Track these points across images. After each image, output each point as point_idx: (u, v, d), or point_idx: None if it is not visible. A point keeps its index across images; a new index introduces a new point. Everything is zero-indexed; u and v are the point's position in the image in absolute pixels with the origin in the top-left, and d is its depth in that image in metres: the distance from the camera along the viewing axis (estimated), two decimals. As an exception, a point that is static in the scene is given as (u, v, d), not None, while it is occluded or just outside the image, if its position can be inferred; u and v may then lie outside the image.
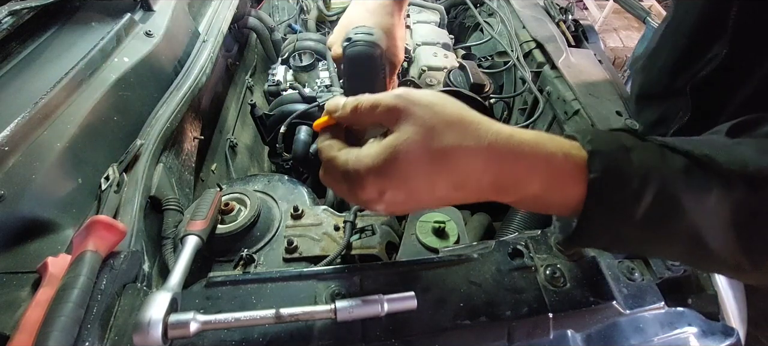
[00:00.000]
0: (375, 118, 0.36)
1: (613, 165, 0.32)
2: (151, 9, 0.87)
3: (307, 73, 1.16)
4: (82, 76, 0.65)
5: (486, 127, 0.34)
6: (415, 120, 0.33)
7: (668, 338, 0.46)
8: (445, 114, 0.34)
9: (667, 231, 0.33)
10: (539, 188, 0.34)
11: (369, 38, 0.57)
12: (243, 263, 0.56)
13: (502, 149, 0.33)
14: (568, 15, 1.14)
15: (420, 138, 0.33)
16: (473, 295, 0.45)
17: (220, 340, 0.40)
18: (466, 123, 0.34)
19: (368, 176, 0.34)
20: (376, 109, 0.36)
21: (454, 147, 0.33)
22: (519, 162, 0.33)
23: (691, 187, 0.32)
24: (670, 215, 0.32)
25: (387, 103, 0.35)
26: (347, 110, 0.37)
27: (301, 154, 0.97)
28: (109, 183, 0.57)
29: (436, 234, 0.59)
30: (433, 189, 0.34)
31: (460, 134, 0.33)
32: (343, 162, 0.35)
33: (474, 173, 0.33)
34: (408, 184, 0.34)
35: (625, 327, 0.46)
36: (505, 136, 0.33)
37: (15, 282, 0.45)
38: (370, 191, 0.34)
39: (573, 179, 0.33)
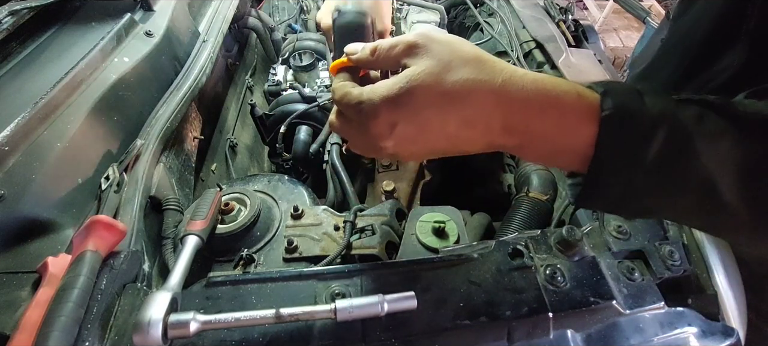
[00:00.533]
0: (394, 57, 0.37)
1: (625, 104, 0.32)
2: (151, 9, 0.87)
3: (307, 73, 1.16)
4: (82, 76, 0.65)
5: (501, 67, 0.34)
6: (433, 55, 0.34)
7: (668, 338, 0.46)
8: (463, 51, 0.34)
9: (679, 176, 0.33)
10: (550, 127, 0.34)
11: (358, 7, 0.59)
12: (243, 263, 0.56)
13: (516, 87, 0.33)
14: (568, 15, 1.14)
15: (436, 71, 0.33)
16: (473, 295, 0.45)
17: (220, 340, 0.40)
18: (483, 61, 0.34)
19: (382, 106, 0.34)
20: (395, 47, 0.36)
21: (468, 81, 0.33)
22: (531, 100, 0.34)
23: (704, 131, 0.32)
24: (682, 159, 0.32)
25: (407, 40, 0.36)
26: (367, 52, 0.38)
27: (301, 154, 0.97)
28: (109, 183, 0.57)
29: (436, 234, 0.59)
30: (444, 124, 0.34)
31: (475, 70, 0.34)
32: (357, 94, 0.36)
33: (485, 108, 0.34)
34: (420, 116, 0.34)
35: (625, 327, 0.46)
36: (520, 75, 0.34)
37: (15, 282, 0.45)
38: (382, 123, 0.35)
39: (585, 117, 0.33)
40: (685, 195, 0.34)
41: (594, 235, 0.55)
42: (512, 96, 0.33)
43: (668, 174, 0.33)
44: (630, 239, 0.54)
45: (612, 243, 0.53)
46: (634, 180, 0.33)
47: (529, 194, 0.76)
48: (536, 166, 0.85)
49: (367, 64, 0.40)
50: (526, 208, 0.73)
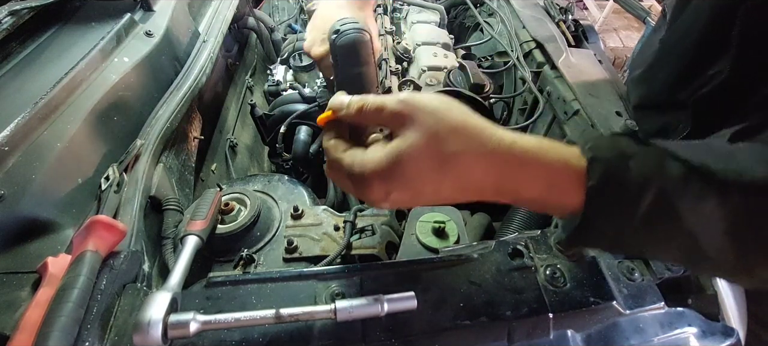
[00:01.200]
0: (380, 121, 0.37)
1: (611, 172, 0.33)
2: (151, 9, 0.87)
3: (307, 73, 1.16)
4: (82, 76, 0.65)
5: (489, 134, 0.35)
6: (420, 125, 0.34)
7: (668, 338, 0.46)
8: (449, 120, 0.34)
9: (664, 236, 0.34)
10: (539, 193, 0.35)
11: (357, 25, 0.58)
12: (243, 263, 0.56)
13: (505, 156, 0.34)
14: (568, 15, 1.14)
15: (424, 143, 0.33)
16: (473, 295, 0.45)
17: (220, 340, 0.40)
18: (470, 129, 0.34)
19: (374, 179, 0.35)
20: (381, 112, 0.36)
21: (458, 153, 0.33)
22: (520, 169, 0.35)
23: (689, 194, 0.33)
24: (668, 221, 0.33)
25: (392, 107, 0.36)
26: (352, 110, 0.38)
27: (301, 154, 0.97)
28: (109, 183, 0.57)
29: (436, 234, 0.59)
30: (437, 191, 0.35)
31: (463, 140, 0.34)
32: (348, 164, 0.36)
33: (477, 177, 0.34)
34: (413, 186, 0.35)
35: (625, 327, 0.46)
36: (508, 143, 0.34)
37: (15, 282, 0.45)
38: (376, 192, 0.35)
39: (572, 186, 0.34)
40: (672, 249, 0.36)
41: (594, 235, 0.55)
42: (502, 164, 0.34)
43: (654, 234, 0.34)
44: (630, 239, 0.54)
45: (612, 243, 0.53)
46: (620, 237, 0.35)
47: (529, 194, 0.76)
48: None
49: (354, 121, 0.39)
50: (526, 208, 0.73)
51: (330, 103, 0.40)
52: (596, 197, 0.33)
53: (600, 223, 0.34)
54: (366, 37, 0.58)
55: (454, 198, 0.37)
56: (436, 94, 0.37)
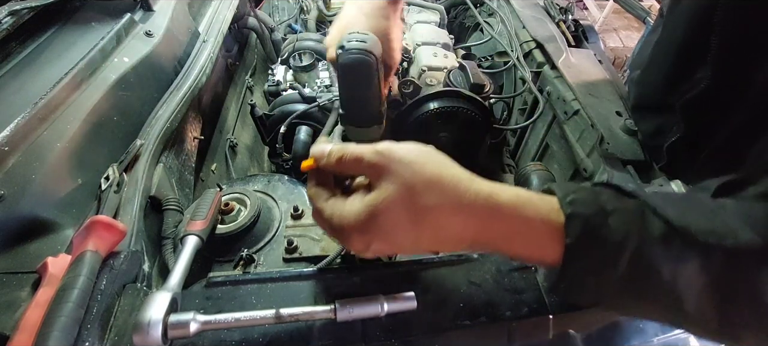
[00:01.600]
0: (358, 171, 0.37)
1: (589, 230, 0.33)
2: (151, 9, 0.87)
3: (307, 73, 1.16)
4: (82, 76, 0.65)
5: (465, 187, 0.34)
6: (396, 179, 0.34)
7: (668, 338, 0.46)
8: (425, 173, 0.34)
9: (645, 295, 0.34)
10: (518, 248, 0.35)
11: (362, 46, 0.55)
12: (243, 263, 0.56)
13: (481, 211, 0.34)
14: (568, 15, 1.14)
15: (399, 198, 0.33)
16: (473, 295, 0.45)
17: (220, 340, 0.40)
18: (445, 183, 0.34)
19: (352, 233, 0.35)
20: (359, 162, 0.36)
21: (433, 207, 0.33)
22: (496, 225, 0.34)
23: (669, 255, 0.32)
24: (648, 281, 0.33)
25: (369, 159, 0.35)
26: (332, 160, 0.38)
27: (301, 154, 0.97)
28: (109, 183, 0.57)
29: (436, 234, 0.59)
30: (416, 243, 0.35)
31: (439, 194, 0.33)
32: (328, 216, 0.36)
33: (454, 231, 0.34)
34: (391, 239, 0.34)
35: (625, 327, 0.46)
36: (484, 196, 0.34)
37: (15, 282, 0.45)
38: (356, 244, 0.35)
39: (550, 242, 0.34)
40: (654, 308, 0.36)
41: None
42: (478, 219, 0.34)
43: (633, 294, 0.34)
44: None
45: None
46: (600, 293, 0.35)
47: (529, 194, 0.76)
48: (536, 167, 0.85)
49: (334, 170, 0.39)
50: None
51: (311, 152, 0.40)
52: (574, 254, 0.33)
53: (579, 280, 0.34)
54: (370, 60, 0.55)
55: (434, 249, 0.37)
56: (414, 144, 0.36)
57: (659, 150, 0.67)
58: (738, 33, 0.49)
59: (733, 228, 0.33)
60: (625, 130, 0.76)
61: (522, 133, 1.14)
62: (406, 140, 0.37)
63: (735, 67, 0.51)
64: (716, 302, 0.33)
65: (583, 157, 0.80)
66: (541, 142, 1.02)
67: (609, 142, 0.74)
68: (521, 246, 0.35)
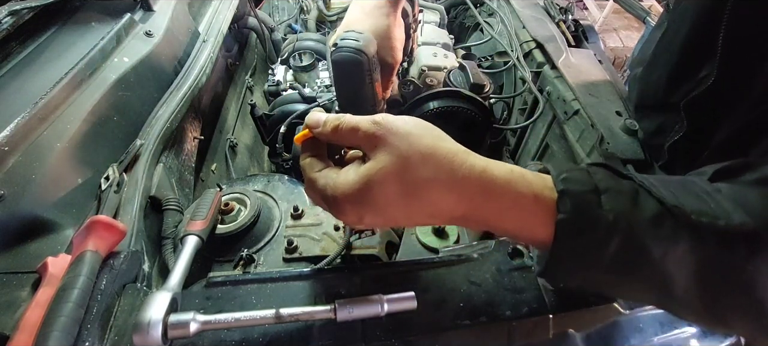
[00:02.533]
0: (354, 141, 0.37)
1: (581, 207, 0.33)
2: (151, 9, 0.87)
3: (307, 73, 1.16)
4: (82, 76, 0.65)
5: (460, 161, 0.34)
6: (392, 150, 0.34)
7: (668, 338, 0.46)
8: (421, 146, 0.34)
9: (634, 277, 0.34)
10: (509, 224, 0.35)
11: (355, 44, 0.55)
12: (243, 263, 0.56)
13: (474, 186, 0.34)
14: (568, 15, 1.14)
15: (394, 169, 0.33)
16: (473, 295, 0.45)
17: (220, 340, 0.40)
18: (440, 156, 0.34)
19: (346, 203, 0.34)
20: (356, 132, 0.36)
21: (427, 180, 0.33)
22: (490, 199, 0.34)
23: (660, 236, 0.32)
24: (637, 262, 0.33)
25: (365, 129, 0.35)
26: (328, 129, 0.37)
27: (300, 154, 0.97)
28: (109, 183, 0.57)
29: (436, 234, 0.59)
30: (408, 216, 0.35)
31: (433, 168, 0.33)
32: (321, 186, 0.36)
33: (446, 205, 0.34)
34: (384, 211, 0.34)
35: (625, 327, 0.46)
36: (478, 170, 0.34)
37: (15, 282, 0.45)
38: (349, 215, 0.35)
39: (542, 220, 0.34)
40: (642, 290, 0.36)
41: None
42: (471, 194, 0.34)
43: (623, 275, 0.34)
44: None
45: (612, 243, 0.53)
46: (591, 275, 0.35)
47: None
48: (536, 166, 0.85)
49: (328, 140, 0.39)
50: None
51: (306, 120, 0.39)
52: (565, 231, 0.33)
53: (569, 258, 0.34)
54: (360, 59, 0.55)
55: (426, 223, 0.37)
56: (411, 117, 0.36)
57: (660, 149, 0.67)
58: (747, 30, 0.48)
59: (727, 210, 0.33)
60: (625, 129, 0.76)
61: (522, 133, 1.14)
62: None
63: (742, 64, 0.50)
64: (705, 285, 0.33)
65: (584, 157, 0.80)
66: (541, 142, 1.02)
67: (609, 141, 0.74)
68: (513, 222, 0.35)
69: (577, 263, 0.34)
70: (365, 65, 0.56)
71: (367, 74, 0.58)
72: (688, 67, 0.58)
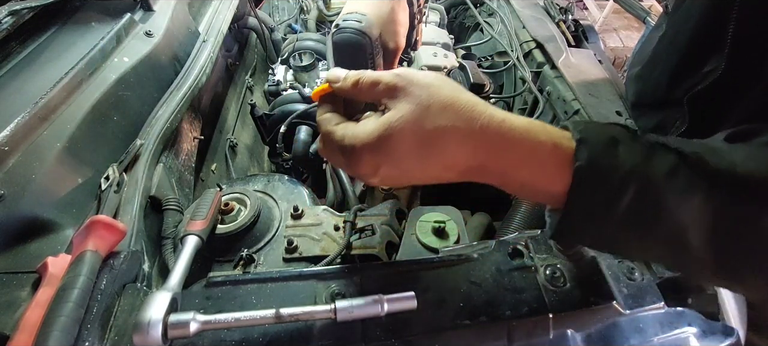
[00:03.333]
0: (375, 95, 0.37)
1: (598, 155, 0.33)
2: (151, 9, 0.87)
3: (307, 73, 1.16)
4: (82, 76, 0.65)
5: (480, 111, 0.34)
6: (412, 99, 0.34)
7: (668, 338, 0.46)
8: (441, 96, 0.34)
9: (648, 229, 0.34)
10: (526, 175, 0.35)
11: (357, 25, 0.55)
12: (243, 263, 0.56)
13: (493, 135, 0.34)
14: (568, 15, 1.14)
15: (414, 117, 0.33)
16: (473, 295, 0.45)
17: (220, 340, 0.40)
18: (461, 105, 0.34)
19: (364, 152, 0.34)
20: (376, 86, 0.36)
21: (447, 128, 0.33)
22: (508, 149, 0.34)
23: (675, 187, 0.32)
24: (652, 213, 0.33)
25: (387, 80, 0.36)
26: (348, 83, 0.38)
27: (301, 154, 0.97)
28: (109, 183, 0.57)
29: (436, 234, 0.59)
30: (424, 168, 0.35)
31: (453, 116, 0.34)
32: (339, 137, 0.36)
33: (464, 155, 0.34)
34: (401, 162, 0.35)
35: (625, 327, 0.46)
36: (498, 120, 0.34)
37: (15, 282, 0.45)
38: (365, 166, 0.35)
39: (559, 168, 0.34)
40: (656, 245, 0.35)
41: (594, 235, 0.55)
42: (489, 143, 0.34)
43: (638, 226, 0.34)
44: (630, 239, 0.54)
45: (612, 243, 0.53)
46: (605, 229, 0.34)
47: (529, 194, 0.76)
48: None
49: (349, 95, 0.39)
50: (526, 208, 0.73)
51: (326, 76, 0.40)
52: (582, 179, 0.33)
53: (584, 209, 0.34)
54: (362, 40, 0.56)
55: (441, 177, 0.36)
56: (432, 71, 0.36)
57: None
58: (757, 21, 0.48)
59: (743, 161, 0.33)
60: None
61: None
62: None
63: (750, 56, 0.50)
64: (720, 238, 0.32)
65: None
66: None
67: (609, 142, 0.73)
68: (530, 172, 0.35)
69: (592, 216, 0.34)
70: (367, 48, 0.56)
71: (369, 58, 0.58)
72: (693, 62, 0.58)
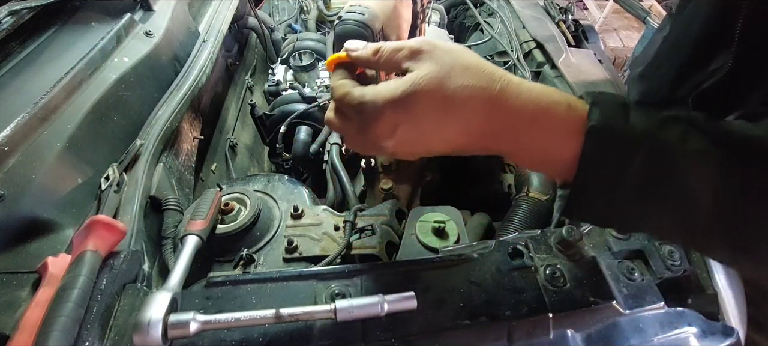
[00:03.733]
0: (396, 61, 0.37)
1: (610, 118, 0.33)
2: (151, 9, 0.87)
3: (307, 73, 1.16)
4: (82, 76, 0.65)
5: (499, 75, 0.35)
6: (436, 60, 0.35)
7: (668, 338, 0.46)
8: (464, 59, 0.35)
9: (659, 200, 0.34)
10: (540, 136, 0.35)
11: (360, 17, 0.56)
12: (243, 263, 0.56)
13: (511, 95, 0.35)
14: (568, 15, 1.14)
15: (439, 76, 0.34)
16: (473, 295, 0.45)
17: (220, 340, 0.40)
18: (482, 68, 0.35)
19: (386, 108, 0.35)
20: (399, 51, 0.37)
21: (467, 88, 0.34)
22: (524, 109, 0.35)
23: (687, 150, 0.32)
24: (663, 177, 0.33)
25: (411, 45, 0.37)
26: (368, 51, 0.39)
27: (301, 154, 0.97)
28: (109, 183, 0.57)
29: (436, 234, 0.59)
30: (443, 130, 0.36)
31: (475, 77, 0.34)
32: (359, 95, 0.36)
33: (481, 116, 0.35)
34: (421, 121, 0.35)
35: (625, 327, 0.46)
36: (516, 83, 0.35)
37: (15, 282, 0.45)
38: (384, 124, 0.35)
39: (572, 129, 0.34)
40: (666, 213, 0.35)
41: (594, 235, 0.55)
42: (507, 104, 0.35)
43: (649, 191, 0.34)
44: (630, 239, 0.54)
45: (612, 243, 0.53)
46: (616, 195, 0.34)
47: (529, 194, 0.76)
48: (536, 166, 0.85)
49: (368, 64, 0.40)
50: (526, 208, 0.73)
51: (346, 45, 0.40)
52: (594, 139, 0.33)
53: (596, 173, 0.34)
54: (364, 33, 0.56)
55: (455, 142, 0.37)
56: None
57: None
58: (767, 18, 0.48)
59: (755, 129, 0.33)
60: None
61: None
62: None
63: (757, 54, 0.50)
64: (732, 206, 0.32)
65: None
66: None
67: (609, 142, 0.73)
68: (542, 134, 0.35)
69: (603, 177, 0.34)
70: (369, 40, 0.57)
71: None
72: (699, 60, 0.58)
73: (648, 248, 0.52)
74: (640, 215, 0.36)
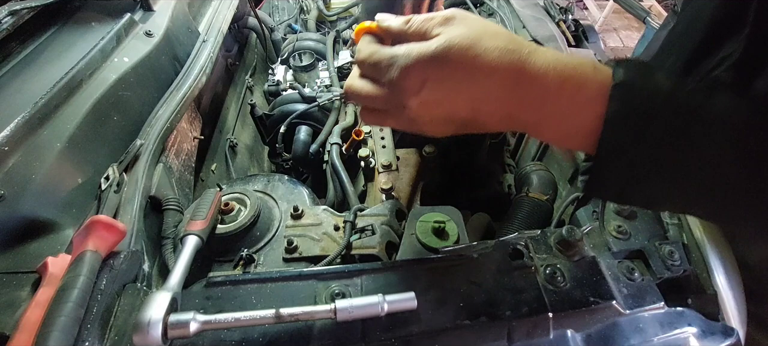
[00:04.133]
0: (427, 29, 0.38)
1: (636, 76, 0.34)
2: (151, 9, 0.87)
3: (307, 73, 1.16)
4: (82, 76, 0.65)
5: (527, 43, 0.36)
6: (468, 24, 0.37)
7: (668, 338, 0.46)
8: (494, 26, 0.37)
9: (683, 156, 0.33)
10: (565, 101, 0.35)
11: None
12: (243, 263, 0.56)
13: (538, 60, 0.35)
14: (568, 15, 1.14)
15: (471, 36, 0.35)
16: (473, 295, 0.45)
17: (220, 340, 0.40)
18: (511, 35, 0.37)
19: (417, 64, 0.35)
20: (431, 20, 0.38)
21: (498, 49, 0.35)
22: (551, 73, 0.35)
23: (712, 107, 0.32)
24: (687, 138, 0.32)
25: (444, 13, 0.38)
26: (400, 21, 0.40)
27: (301, 154, 0.97)
28: (109, 183, 0.57)
29: (436, 234, 0.59)
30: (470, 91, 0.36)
31: (504, 41, 0.36)
32: (390, 52, 0.37)
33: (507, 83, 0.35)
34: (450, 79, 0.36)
35: (624, 327, 0.46)
36: (542, 50, 0.36)
37: (15, 282, 0.45)
38: (413, 78, 0.36)
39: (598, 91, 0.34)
40: (690, 177, 0.34)
41: (594, 235, 0.55)
42: (535, 67, 0.35)
43: (673, 152, 0.33)
44: (630, 239, 0.54)
45: (612, 243, 0.53)
46: (639, 158, 0.34)
47: (529, 194, 0.76)
48: (536, 166, 0.85)
49: (398, 33, 0.40)
50: (526, 208, 0.73)
51: (377, 17, 0.42)
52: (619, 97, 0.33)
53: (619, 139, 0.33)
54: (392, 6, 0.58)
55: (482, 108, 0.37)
56: None
57: None
58: None
59: None
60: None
61: (522, 133, 1.14)
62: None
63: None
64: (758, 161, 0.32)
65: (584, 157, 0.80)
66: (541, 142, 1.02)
67: (609, 142, 0.73)
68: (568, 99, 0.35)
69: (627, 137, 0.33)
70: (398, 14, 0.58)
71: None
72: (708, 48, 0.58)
73: (648, 248, 0.52)
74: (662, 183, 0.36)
